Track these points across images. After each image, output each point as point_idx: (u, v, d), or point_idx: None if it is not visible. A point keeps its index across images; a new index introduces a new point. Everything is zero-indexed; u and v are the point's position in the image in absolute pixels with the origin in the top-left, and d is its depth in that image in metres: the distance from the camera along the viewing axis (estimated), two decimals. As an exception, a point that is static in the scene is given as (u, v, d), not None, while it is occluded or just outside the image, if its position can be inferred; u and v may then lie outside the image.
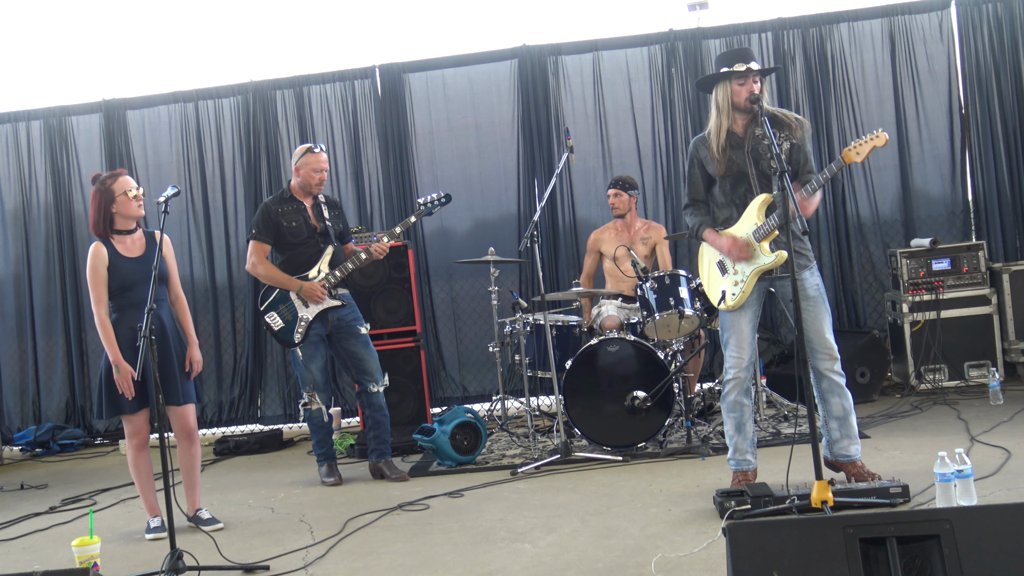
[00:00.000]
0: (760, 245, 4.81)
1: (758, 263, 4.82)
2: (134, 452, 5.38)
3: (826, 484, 4.09)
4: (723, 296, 4.93)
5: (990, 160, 8.14)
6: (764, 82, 4.88)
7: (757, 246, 4.81)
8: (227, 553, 4.66)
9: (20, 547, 5.45)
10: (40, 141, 9.17)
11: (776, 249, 4.77)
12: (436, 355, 8.69)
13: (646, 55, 8.55)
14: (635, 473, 5.77)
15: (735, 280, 4.89)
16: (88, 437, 9.02)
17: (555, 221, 8.54)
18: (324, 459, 6.39)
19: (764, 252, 4.80)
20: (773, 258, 4.76)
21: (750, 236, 4.83)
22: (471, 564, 4.32)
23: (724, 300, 4.93)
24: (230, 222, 8.93)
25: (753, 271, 4.84)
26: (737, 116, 4.88)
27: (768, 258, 4.78)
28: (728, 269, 4.93)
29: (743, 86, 4.80)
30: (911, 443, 5.85)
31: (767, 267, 4.81)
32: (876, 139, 4.64)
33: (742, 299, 4.87)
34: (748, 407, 4.97)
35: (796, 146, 4.88)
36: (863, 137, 4.66)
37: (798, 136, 4.87)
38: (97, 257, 5.23)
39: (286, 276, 6.21)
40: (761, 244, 4.81)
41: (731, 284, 4.91)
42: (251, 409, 8.89)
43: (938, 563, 2.96)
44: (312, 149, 6.26)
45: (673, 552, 4.14)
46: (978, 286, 7.55)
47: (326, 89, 8.86)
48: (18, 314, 9.14)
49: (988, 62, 8.18)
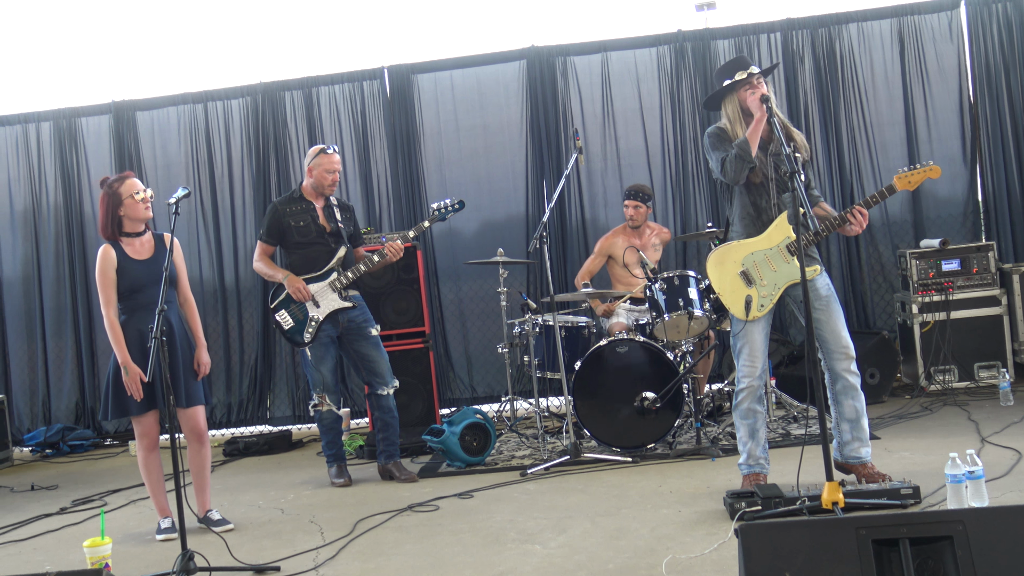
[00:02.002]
0: (794, 260, 4.81)
1: (790, 276, 4.82)
2: (144, 453, 5.40)
3: (837, 485, 4.09)
4: (748, 306, 4.90)
5: (1000, 160, 8.12)
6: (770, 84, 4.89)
7: (792, 260, 4.81)
8: (238, 554, 4.68)
9: (31, 548, 5.47)
10: (50, 142, 9.20)
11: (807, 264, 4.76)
12: (445, 356, 8.69)
13: (655, 55, 8.55)
14: (645, 474, 5.76)
15: (763, 292, 4.87)
16: (98, 438, 9.04)
17: (564, 222, 8.54)
18: (334, 460, 6.39)
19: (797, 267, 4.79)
20: (809, 270, 4.76)
21: (783, 249, 4.82)
22: (481, 565, 4.32)
23: (749, 310, 4.90)
24: (238, 223, 8.95)
25: (785, 283, 4.85)
26: (750, 122, 4.87)
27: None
28: (755, 280, 4.89)
29: (750, 91, 4.81)
30: (921, 444, 5.84)
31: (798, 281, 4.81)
32: (930, 171, 4.68)
33: (768, 309, 4.87)
34: (761, 414, 4.97)
35: (806, 162, 4.91)
36: (916, 166, 4.69)
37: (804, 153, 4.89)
38: (106, 260, 5.25)
39: (273, 267, 6.26)
40: (794, 259, 4.80)
41: (758, 295, 4.88)
42: (260, 410, 8.91)
43: (951, 564, 2.96)
44: (325, 150, 6.27)
45: (684, 553, 4.14)
46: (988, 287, 7.53)
47: (335, 90, 8.87)
48: (28, 315, 9.18)
49: (998, 62, 8.16)
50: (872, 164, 8.27)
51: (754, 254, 4.91)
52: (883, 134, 8.31)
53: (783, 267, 4.85)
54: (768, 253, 4.87)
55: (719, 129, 5.00)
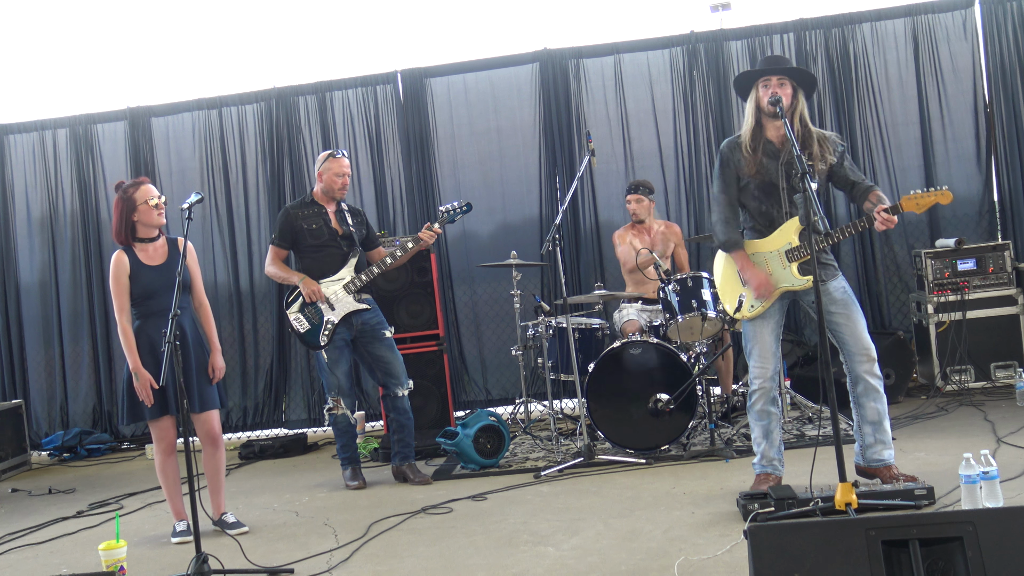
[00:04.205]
0: (791, 266, 4.80)
1: (786, 283, 4.82)
2: (161, 457, 5.43)
3: (850, 486, 4.08)
4: (740, 304, 4.92)
5: (1016, 159, 8.07)
6: (799, 93, 4.84)
7: (789, 266, 4.80)
8: (252, 557, 4.70)
9: (48, 551, 5.51)
10: (66, 149, 9.27)
11: (805, 273, 4.75)
12: (459, 359, 8.70)
13: (667, 57, 8.53)
14: (658, 476, 5.76)
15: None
16: (115, 442, 9.10)
17: (577, 224, 8.53)
18: (348, 463, 6.41)
19: (795, 274, 4.79)
20: (803, 282, 4.76)
21: (782, 254, 4.82)
22: (494, 567, 4.33)
23: (740, 309, 4.91)
24: (253, 228, 8.98)
25: (778, 289, 4.84)
26: (766, 121, 4.86)
27: (798, 281, 4.78)
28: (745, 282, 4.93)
29: (767, 89, 4.79)
30: (936, 444, 5.81)
31: (794, 288, 4.82)
32: (941, 196, 4.64)
33: (760, 311, 4.86)
34: (775, 415, 4.96)
35: (833, 167, 4.86)
36: (928, 190, 4.64)
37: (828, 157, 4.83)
38: (119, 266, 5.28)
39: (287, 271, 6.29)
40: (792, 265, 4.80)
41: (751, 296, 4.89)
42: (276, 413, 8.94)
43: (961, 565, 2.94)
44: (334, 154, 6.30)
45: (696, 555, 4.14)
46: (1004, 286, 7.49)
47: (348, 95, 8.90)
48: (45, 320, 9.24)
49: (1013, 60, 8.11)
50: (887, 164, 8.23)
51: (755, 255, 4.92)
52: (897, 134, 8.26)
53: (780, 272, 4.84)
54: (768, 256, 4.87)
55: (729, 148, 4.94)
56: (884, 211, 4.60)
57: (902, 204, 4.65)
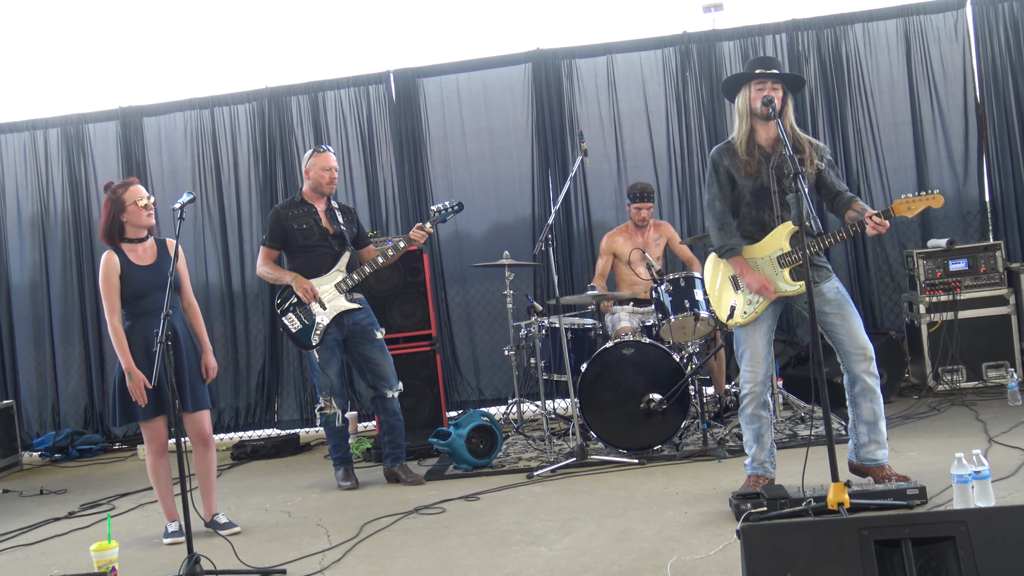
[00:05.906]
0: (783, 272, 4.80)
1: (779, 290, 4.82)
2: (152, 457, 5.41)
3: (842, 486, 4.07)
4: (732, 312, 4.92)
5: (1007, 160, 8.10)
6: (788, 96, 4.84)
7: (781, 272, 4.80)
8: (244, 557, 4.69)
9: (39, 552, 5.49)
10: (57, 149, 9.23)
11: (798, 278, 4.75)
12: (451, 359, 8.70)
13: (660, 58, 8.54)
14: (651, 476, 5.76)
15: (749, 299, 4.88)
16: (107, 442, 9.08)
17: (570, 224, 8.54)
18: (340, 463, 6.40)
19: (786, 280, 4.80)
20: (796, 287, 4.76)
21: (773, 260, 4.82)
22: (487, 567, 4.33)
23: (732, 316, 4.91)
24: (245, 228, 8.97)
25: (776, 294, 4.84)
26: (757, 124, 4.86)
27: (790, 287, 4.79)
28: (743, 286, 4.92)
29: (760, 91, 4.78)
30: (928, 444, 5.82)
31: (786, 294, 4.82)
32: (932, 200, 4.64)
33: (752, 318, 4.86)
34: (767, 419, 4.95)
35: (821, 172, 4.86)
36: (920, 194, 4.64)
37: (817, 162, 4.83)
38: (109, 266, 5.25)
39: (279, 270, 6.27)
40: (783, 271, 4.80)
41: (744, 302, 4.89)
42: (268, 414, 8.93)
43: (954, 565, 2.95)
44: (318, 149, 6.29)
45: (689, 555, 4.14)
46: (995, 286, 7.51)
47: (341, 95, 8.89)
48: (36, 321, 9.21)
49: (1004, 62, 8.14)
50: (879, 165, 8.24)
51: (747, 262, 4.91)
52: (889, 135, 8.28)
53: (772, 279, 4.83)
54: (759, 262, 4.87)
55: (719, 153, 4.93)
56: (875, 216, 4.60)
57: (894, 208, 4.65)
